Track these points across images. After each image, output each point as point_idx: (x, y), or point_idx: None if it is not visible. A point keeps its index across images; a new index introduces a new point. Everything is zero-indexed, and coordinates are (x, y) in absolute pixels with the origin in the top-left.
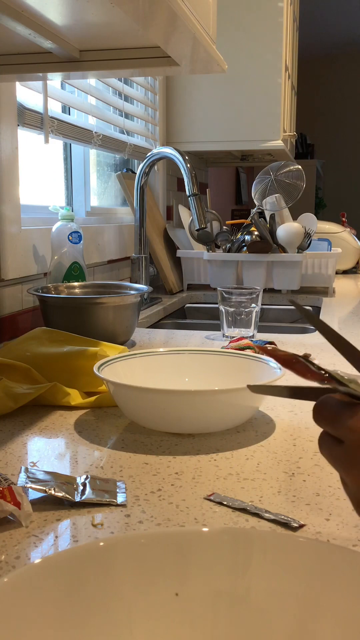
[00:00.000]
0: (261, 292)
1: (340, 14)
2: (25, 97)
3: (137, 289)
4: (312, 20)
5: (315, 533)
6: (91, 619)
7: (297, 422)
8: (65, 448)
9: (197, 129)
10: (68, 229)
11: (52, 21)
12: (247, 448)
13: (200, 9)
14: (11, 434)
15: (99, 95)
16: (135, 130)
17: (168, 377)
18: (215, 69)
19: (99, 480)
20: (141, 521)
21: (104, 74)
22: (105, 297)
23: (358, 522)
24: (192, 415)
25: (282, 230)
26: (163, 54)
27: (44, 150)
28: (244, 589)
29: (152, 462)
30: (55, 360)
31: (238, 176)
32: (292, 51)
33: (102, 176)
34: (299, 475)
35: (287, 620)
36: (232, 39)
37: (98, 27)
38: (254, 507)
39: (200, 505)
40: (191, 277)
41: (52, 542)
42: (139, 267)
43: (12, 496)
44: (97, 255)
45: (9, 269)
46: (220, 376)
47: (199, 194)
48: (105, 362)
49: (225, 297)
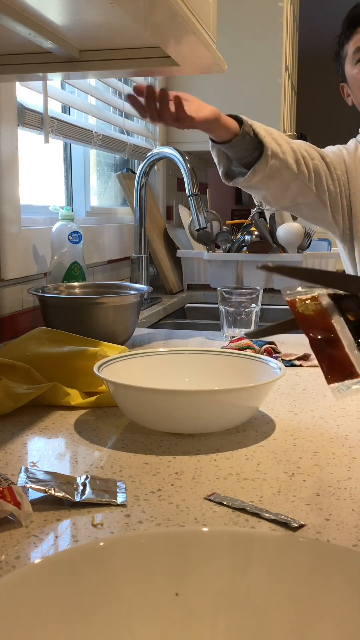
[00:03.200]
0: (261, 292)
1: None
2: (25, 97)
3: (137, 289)
4: (312, 20)
5: (315, 533)
6: (91, 619)
7: (297, 422)
8: (65, 448)
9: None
10: (68, 229)
11: (52, 21)
12: (247, 448)
13: (200, 9)
14: (11, 434)
15: (99, 95)
16: (135, 130)
17: (168, 377)
18: (215, 69)
19: (99, 480)
20: (141, 521)
21: (104, 74)
22: (105, 297)
23: (358, 522)
24: (192, 415)
25: (282, 230)
26: (163, 54)
27: (44, 150)
28: (244, 589)
29: (152, 462)
30: (55, 360)
31: None
32: (292, 51)
33: (102, 176)
34: (299, 475)
35: (287, 620)
36: (232, 39)
37: (98, 27)
38: (254, 507)
39: (200, 505)
40: (191, 277)
41: (52, 542)
42: (139, 267)
43: (12, 496)
44: (97, 255)
45: (9, 269)
46: (220, 376)
47: (199, 194)
48: (105, 362)
49: (225, 297)
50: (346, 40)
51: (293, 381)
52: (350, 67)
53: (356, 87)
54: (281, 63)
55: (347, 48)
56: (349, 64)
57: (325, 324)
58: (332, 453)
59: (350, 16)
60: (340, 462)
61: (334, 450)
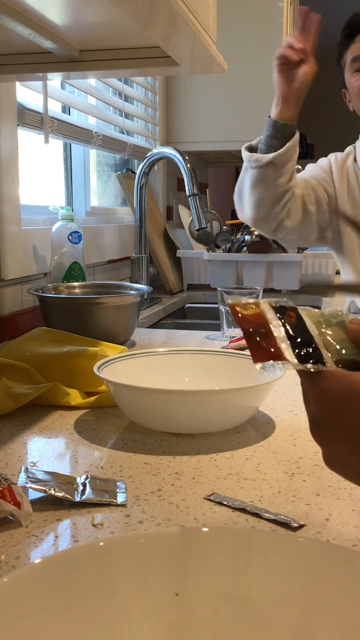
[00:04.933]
0: (261, 292)
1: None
2: (25, 97)
3: (137, 289)
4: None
5: (315, 533)
6: (91, 618)
7: (297, 422)
8: (65, 448)
9: (197, 129)
10: (68, 229)
11: (52, 21)
12: (247, 448)
13: (200, 9)
14: (11, 434)
15: (99, 95)
16: (135, 130)
17: (168, 377)
18: (215, 69)
19: (99, 480)
20: (141, 521)
21: (104, 74)
22: (105, 297)
23: (358, 522)
24: (192, 415)
25: None
26: (163, 54)
27: (44, 150)
28: (244, 589)
29: (152, 462)
30: (55, 360)
31: (238, 176)
32: None
33: (102, 176)
34: (299, 475)
35: (287, 620)
36: (232, 39)
37: (98, 27)
38: (254, 507)
39: (200, 505)
40: (191, 277)
41: (52, 542)
42: (139, 267)
43: (12, 496)
44: (97, 255)
45: (9, 269)
46: (220, 376)
47: (199, 194)
48: (105, 362)
49: (225, 297)
50: (344, 49)
51: (293, 381)
52: (349, 75)
53: (355, 95)
54: None
55: (346, 57)
56: (348, 72)
57: (260, 321)
58: None
59: (348, 25)
60: None
61: None
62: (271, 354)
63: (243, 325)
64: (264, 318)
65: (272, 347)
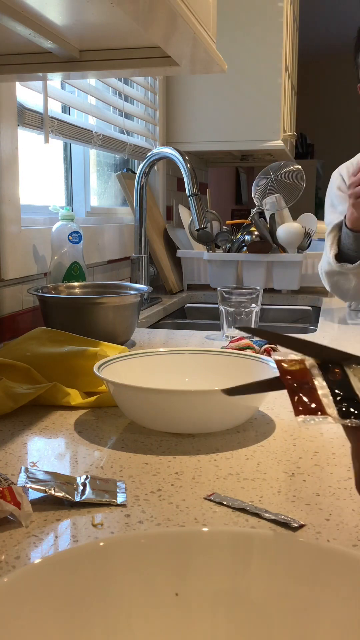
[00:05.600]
0: (261, 292)
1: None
2: (25, 97)
3: (137, 289)
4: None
5: (315, 533)
6: (91, 619)
7: (297, 422)
8: (65, 448)
9: (197, 129)
10: (68, 229)
11: (52, 21)
12: (247, 448)
13: (200, 9)
14: (11, 434)
15: (99, 95)
16: (135, 130)
17: (168, 377)
18: (215, 69)
19: (99, 480)
20: (141, 521)
21: (104, 74)
22: (105, 297)
23: (358, 522)
24: (192, 415)
25: (282, 230)
26: (163, 54)
27: (44, 150)
28: (244, 589)
29: (152, 462)
30: (55, 360)
31: (238, 176)
32: (292, 51)
33: (102, 176)
34: (299, 475)
35: (287, 621)
36: (232, 39)
37: (98, 27)
38: (254, 507)
39: (200, 505)
40: (191, 277)
41: (52, 542)
42: (139, 267)
43: (12, 496)
44: (97, 255)
45: (9, 269)
46: (220, 376)
47: (199, 194)
48: (105, 362)
49: (225, 297)
50: None
51: None
52: None
53: None
54: (281, 63)
55: None
56: None
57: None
58: (332, 453)
59: None
60: (340, 462)
61: (334, 450)
62: (313, 408)
63: (287, 379)
64: (308, 373)
65: (314, 402)
